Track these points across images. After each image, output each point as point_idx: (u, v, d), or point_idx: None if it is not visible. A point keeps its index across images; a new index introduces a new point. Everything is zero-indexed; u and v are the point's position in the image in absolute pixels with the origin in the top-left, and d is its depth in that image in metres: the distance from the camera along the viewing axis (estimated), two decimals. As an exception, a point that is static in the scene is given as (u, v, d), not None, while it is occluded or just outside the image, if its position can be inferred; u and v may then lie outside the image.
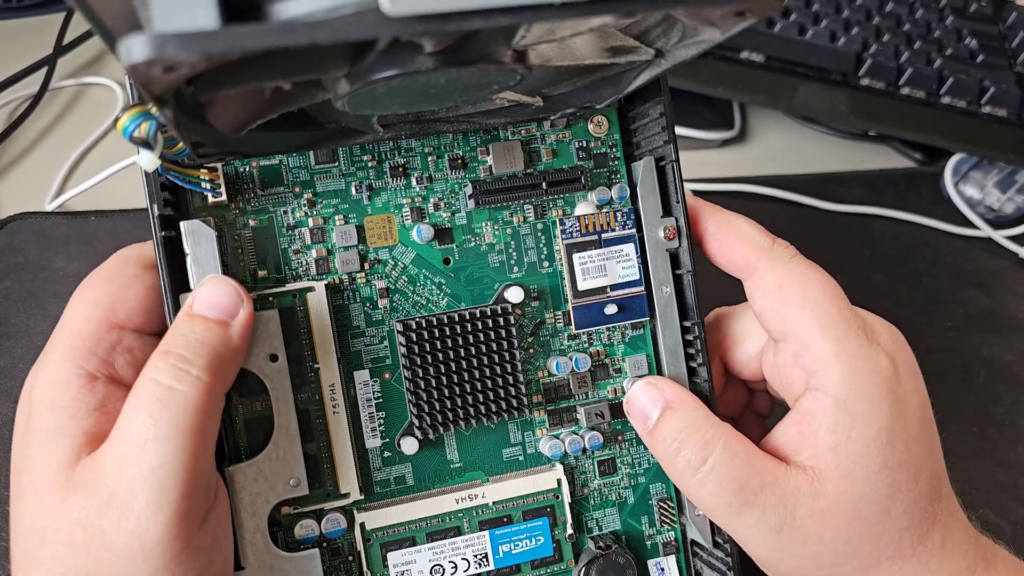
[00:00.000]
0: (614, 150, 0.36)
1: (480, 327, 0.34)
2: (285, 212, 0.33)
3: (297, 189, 0.33)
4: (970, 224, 0.64)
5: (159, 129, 0.24)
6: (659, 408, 0.33)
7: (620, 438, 0.36)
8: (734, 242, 0.34)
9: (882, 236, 0.62)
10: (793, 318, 0.32)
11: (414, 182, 0.35)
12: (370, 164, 0.34)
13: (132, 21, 0.20)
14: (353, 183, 0.34)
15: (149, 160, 0.25)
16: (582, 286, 0.35)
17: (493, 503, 0.35)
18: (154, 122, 0.24)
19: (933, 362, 0.53)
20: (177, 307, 0.30)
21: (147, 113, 0.23)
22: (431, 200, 0.35)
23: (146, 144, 0.24)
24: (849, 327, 0.32)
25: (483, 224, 0.35)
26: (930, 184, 0.67)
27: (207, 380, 0.27)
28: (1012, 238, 0.63)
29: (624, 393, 0.36)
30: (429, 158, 0.35)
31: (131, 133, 0.23)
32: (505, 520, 0.35)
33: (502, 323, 0.34)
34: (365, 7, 0.17)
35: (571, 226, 0.35)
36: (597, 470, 0.36)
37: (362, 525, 0.33)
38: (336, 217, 0.34)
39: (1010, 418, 0.50)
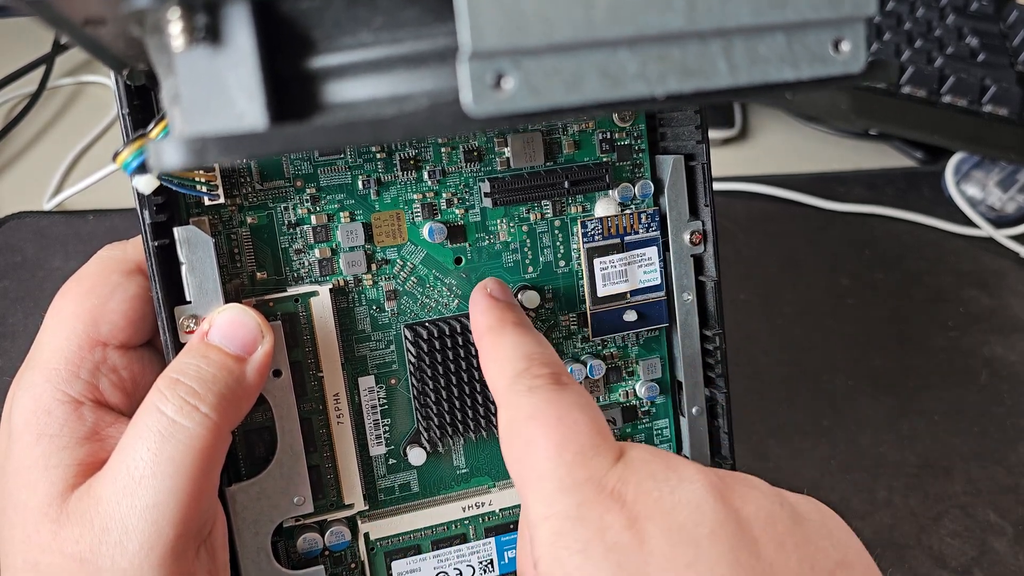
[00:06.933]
0: (639, 142, 0.34)
1: (493, 332, 0.32)
2: (286, 208, 0.30)
3: (299, 183, 0.30)
4: (971, 224, 0.63)
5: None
6: None
7: (630, 440, 0.35)
8: (486, 368, 0.28)
9: (883, 235, 0.61)
10: (512, 471, 0.25)
11: (426, 176, 0.32)
12: (379, 156, 0.31)
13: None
14: (360, 177, 0.31)
15: (147, 183, 0.22)
16: (602, 292, 0.33)
17: (500, 510, 0.34)
18: (156, 153, 0.20)
19: (934, 362, 0.53)
20: (172, 321, 0.28)
21: (148, 148, 0.20)
22: (444, 195, 0.32)
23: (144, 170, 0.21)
24: (571, 479, 0.23)
25: (498, 221, 0.33)
26: (931, 183, 0.66)
27: (215, 419, 0.25)
28: (1014, 237, 0.63)
29: (636, 396, 0.35)
30: (443, 150, 0.32)
31: (133, 170, 0.20)
32: (512, 527, 0.34)
33: (516, 329, 0.32)
34: (441, 100, 0.14)
35: (593, 228, 0.33)
36: (605, 473, 0.35)
37: (366, 535, 0.32)
38: (342, 214, 0.31)
39: (1012, 418, 0.50)
